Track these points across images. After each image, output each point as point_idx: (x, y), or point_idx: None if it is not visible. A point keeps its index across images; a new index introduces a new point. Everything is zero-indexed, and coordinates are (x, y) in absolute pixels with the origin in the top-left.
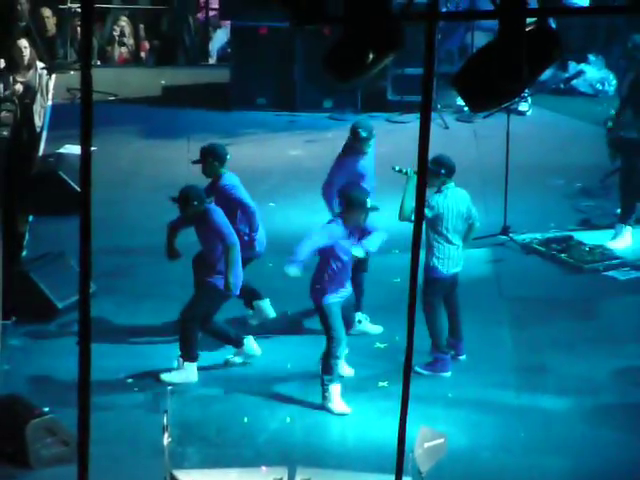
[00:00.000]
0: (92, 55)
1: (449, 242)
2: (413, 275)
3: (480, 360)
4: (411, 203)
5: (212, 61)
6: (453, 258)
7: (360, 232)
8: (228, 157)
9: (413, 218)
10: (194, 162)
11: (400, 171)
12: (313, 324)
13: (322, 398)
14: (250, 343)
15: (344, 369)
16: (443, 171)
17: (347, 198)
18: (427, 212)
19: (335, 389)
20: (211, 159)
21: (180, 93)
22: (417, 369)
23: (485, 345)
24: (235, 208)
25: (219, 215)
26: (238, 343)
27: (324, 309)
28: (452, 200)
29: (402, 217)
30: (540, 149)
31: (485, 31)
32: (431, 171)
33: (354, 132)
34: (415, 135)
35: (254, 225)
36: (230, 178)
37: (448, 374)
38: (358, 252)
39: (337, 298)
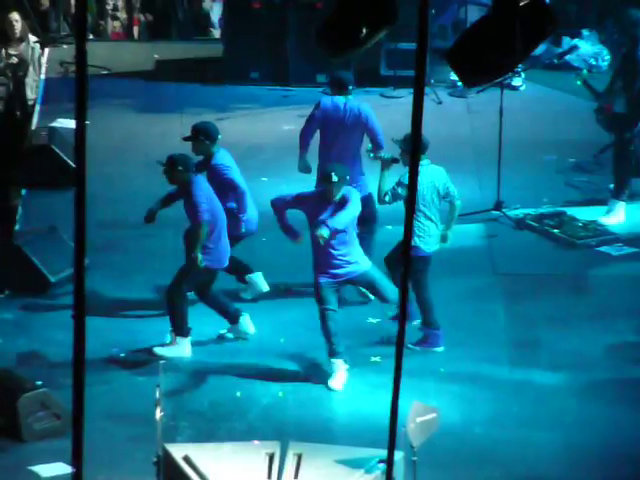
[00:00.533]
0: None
1: (428, 218)
2: (406, 252)
3: (473, 335)
4: (385, 187)
5: (217, 34)
6: (434, 236)
7: (335, 209)
8: (219, 136)
9: (387, 200)
10: (185, 139)
11: (375, 157)
12: (307, 299)
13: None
14: (246, 321)
15: None
16: None
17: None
18: (401, 191)
19: (337, 365)
20: (202, 137)
21: (173, 67)
22: (409, 346)
23: (478, 320)
24: (227, 187)
25: (201, 189)
26: (235, 318)
27: (315, 287)
28: (425, 176)
29: (379, 200)
30: (533, 124)
31: (479, 5)
32: (403, 150)
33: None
34: (408, 110)
35: (243, 206)
36: (223, 157)
37: (441, 349)
38: (322, 232)
39: (326, 278)
